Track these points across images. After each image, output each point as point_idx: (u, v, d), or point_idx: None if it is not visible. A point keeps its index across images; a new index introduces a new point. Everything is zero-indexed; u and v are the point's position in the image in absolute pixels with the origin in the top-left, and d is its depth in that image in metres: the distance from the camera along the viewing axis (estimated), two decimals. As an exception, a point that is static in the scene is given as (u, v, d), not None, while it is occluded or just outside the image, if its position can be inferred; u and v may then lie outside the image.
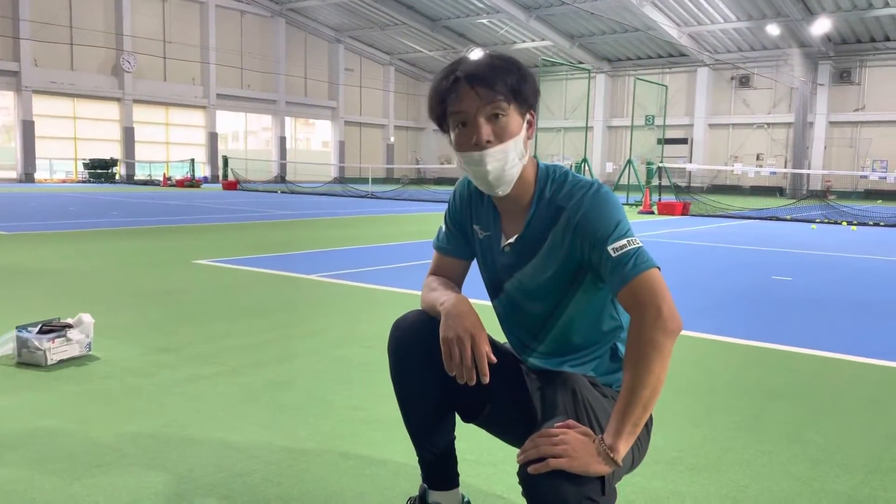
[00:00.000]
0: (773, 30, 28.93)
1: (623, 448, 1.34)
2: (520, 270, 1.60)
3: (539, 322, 1.64)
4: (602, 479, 1.31)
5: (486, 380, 1.46)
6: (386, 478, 2.15)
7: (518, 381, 1.70)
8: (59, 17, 29.30)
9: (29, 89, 28.53)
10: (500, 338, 1.76)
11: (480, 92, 1.44)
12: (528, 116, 1.51)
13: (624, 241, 1.44)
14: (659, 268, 1.43)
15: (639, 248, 1.43)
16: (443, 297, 1.57)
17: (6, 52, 28.08)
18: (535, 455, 1.31)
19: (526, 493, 1.33)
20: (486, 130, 1.45)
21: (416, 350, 1.61)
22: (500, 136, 1.46)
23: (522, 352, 1.71)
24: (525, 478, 1.31)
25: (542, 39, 34.19)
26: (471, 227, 1.69)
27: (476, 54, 1.57)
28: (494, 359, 1.47)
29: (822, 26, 27.98)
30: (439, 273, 1.74)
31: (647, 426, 1.56)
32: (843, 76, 31.71)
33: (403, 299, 5.02)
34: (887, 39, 29.96)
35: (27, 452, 2.27)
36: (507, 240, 1.60)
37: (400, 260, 7.37)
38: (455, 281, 1.73)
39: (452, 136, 1.51)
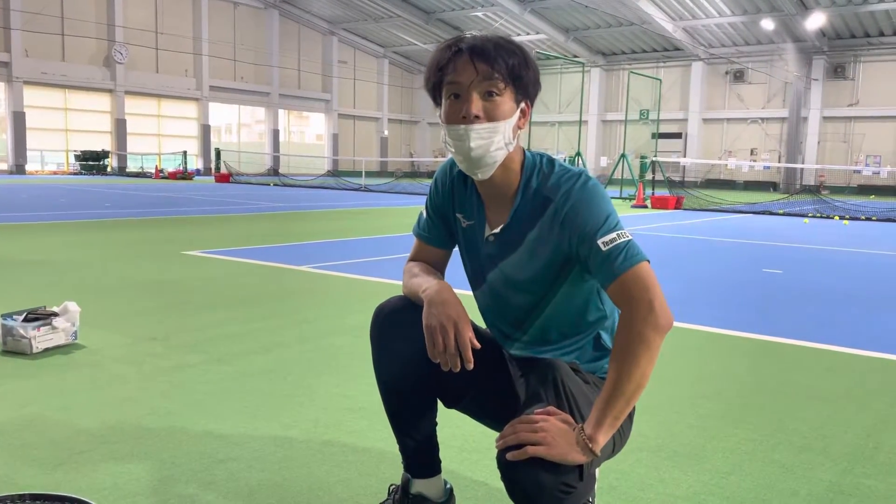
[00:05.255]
0: (767, 24, 28.95)
1: (602, 439, 1.33)
2: (504, 261, 1.57)
3: (523, 313, 1.61)
4: (580, 466, 1.31)
5: (471, 366, 1.44)
6: (369, 464, 2.15)
7: (500, 367, 1.69)
8: (51, 7, 29.10)
9: (20, 80, 28.36)
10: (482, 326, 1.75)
11: (479, 66, 1.42)
12: (522, 105, 1.48)
13: (614, 235, 1.41)
14: (649, 261, 1.41)
15: (629, 241, 1.41)
16: (425, 284, 1.55)
17: (-3, 43, 27.91)
18: (513, 441, 1.30)
19: (504, 479, 1.33)
20: (476, 105, 1.43)
21: (398, 336, 1.60)
22: (490, 115, 1.43)
23: (505, 342, 1.69)
24: (503, 463, 1.31)
25: (537, 33, 34.16)
26: (453, 214, 1.65)
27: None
28: (478, 345, 1.45)
29: (816, 21, 28.01)
30: (420, 259, 1.71)
31: (630, 414, 1.54)
32: (837, 71, 31.76)
33: (394, 290, 5.00)
34: (881, 34, 30.01)
35: (10, 439, 2.26)
36: (492, 230, 1.57)
37: (391, 252, 7.35)
38: (436, 269, 1.70)
39: (443, 107, 1.48)
